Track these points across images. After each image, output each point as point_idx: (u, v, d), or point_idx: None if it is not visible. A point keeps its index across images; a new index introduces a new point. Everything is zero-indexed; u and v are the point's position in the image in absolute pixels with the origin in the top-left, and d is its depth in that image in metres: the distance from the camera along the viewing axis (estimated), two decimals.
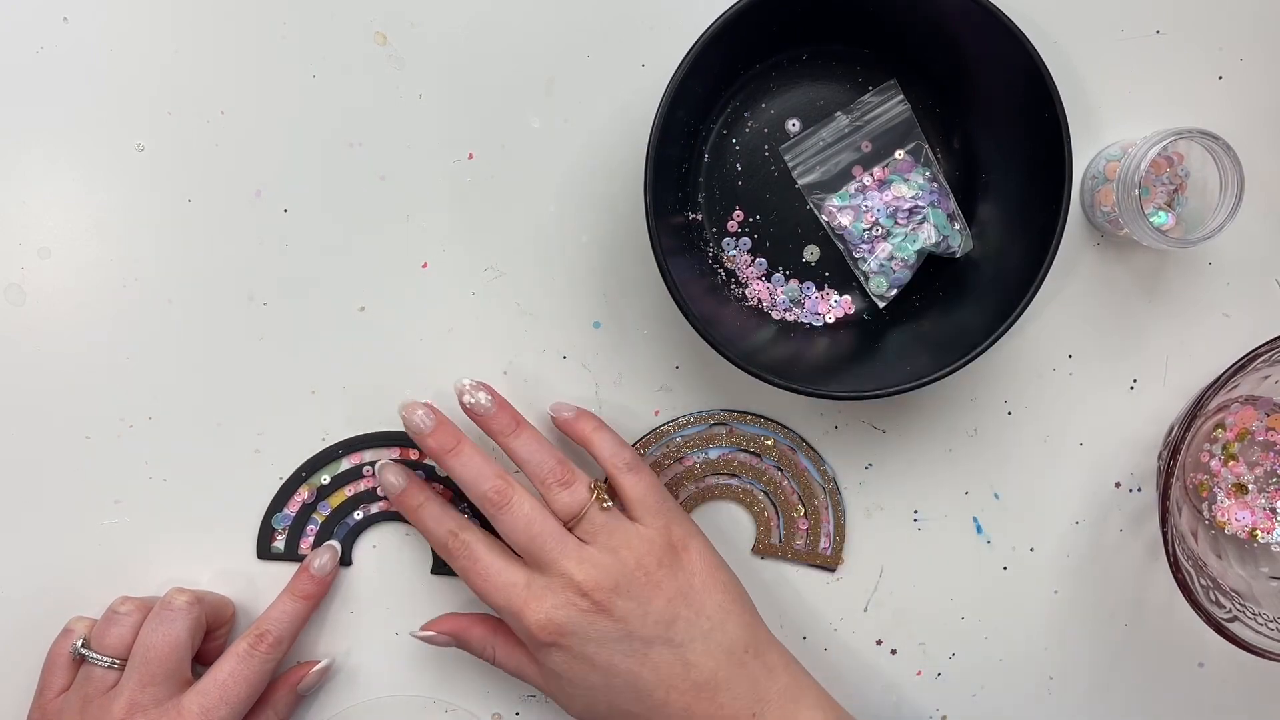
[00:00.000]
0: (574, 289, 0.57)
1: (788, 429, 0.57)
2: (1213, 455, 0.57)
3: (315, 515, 0.56)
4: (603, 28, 0.56)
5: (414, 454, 0.56)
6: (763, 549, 0.58)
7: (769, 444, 0.57)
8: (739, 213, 0.55)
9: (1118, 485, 0.59)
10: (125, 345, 0.56)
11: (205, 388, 0.56)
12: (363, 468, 0.56)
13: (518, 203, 0.56)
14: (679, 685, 0.50)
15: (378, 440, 0.56)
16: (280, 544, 0.56)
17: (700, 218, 0.56)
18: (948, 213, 0.55)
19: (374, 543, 0.57)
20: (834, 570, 0.58)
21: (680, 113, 0.51)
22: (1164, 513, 0.52)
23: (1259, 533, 0.56)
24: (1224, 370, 0.51)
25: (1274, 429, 0.57)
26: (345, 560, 0.57)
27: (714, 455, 0.58)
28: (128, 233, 0.55)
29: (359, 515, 0.57)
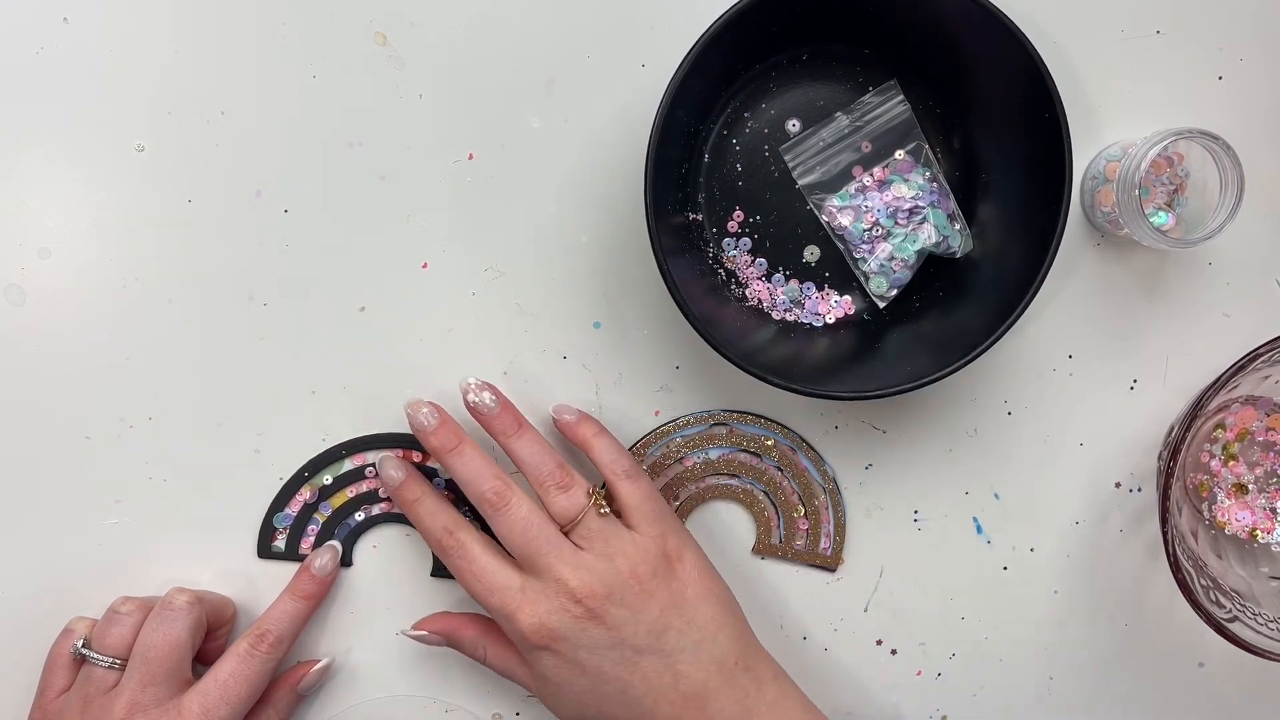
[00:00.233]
0: (574, 289, 0.57)
1: (788, 429, 0.57)
2: (1213, 455, 0.57)
3: (317, 515, 0.56)
4: (603, 28, 0.56)
5: (416, 456, 0.56)
6: (763, 549, 0.58)
7: (769, 444, 0.57)
8: (739, 213, 0.55)
9: (1118, 485, 0.59)
10: (125, 345, 0.56)
11: (205, 388, 0.56)
12: (365, 469, 0.56)
13: (518, 203, 0.56)
14: (668, 695, 0.50)
15: (382, 442, 0.56)
16: (281, 544, 0.56)
17: (700, 218, 0.56)
18: (948, 213, 0.55)
19: (375, 543, 0.57)
20: (834, 570, 0.58)
21: (680, 113, 0.51)
22: (1164, 513, 0.52)
23: (1259, 533, 0.56)
24: (1224, 370, 0.51)
25: (1274, 429, 0.57)
26: (346, 561, 0.57)
27: (714, 455, 0.58)
28: (128, 233, 0.55)
29: (360, 516, 0.57)
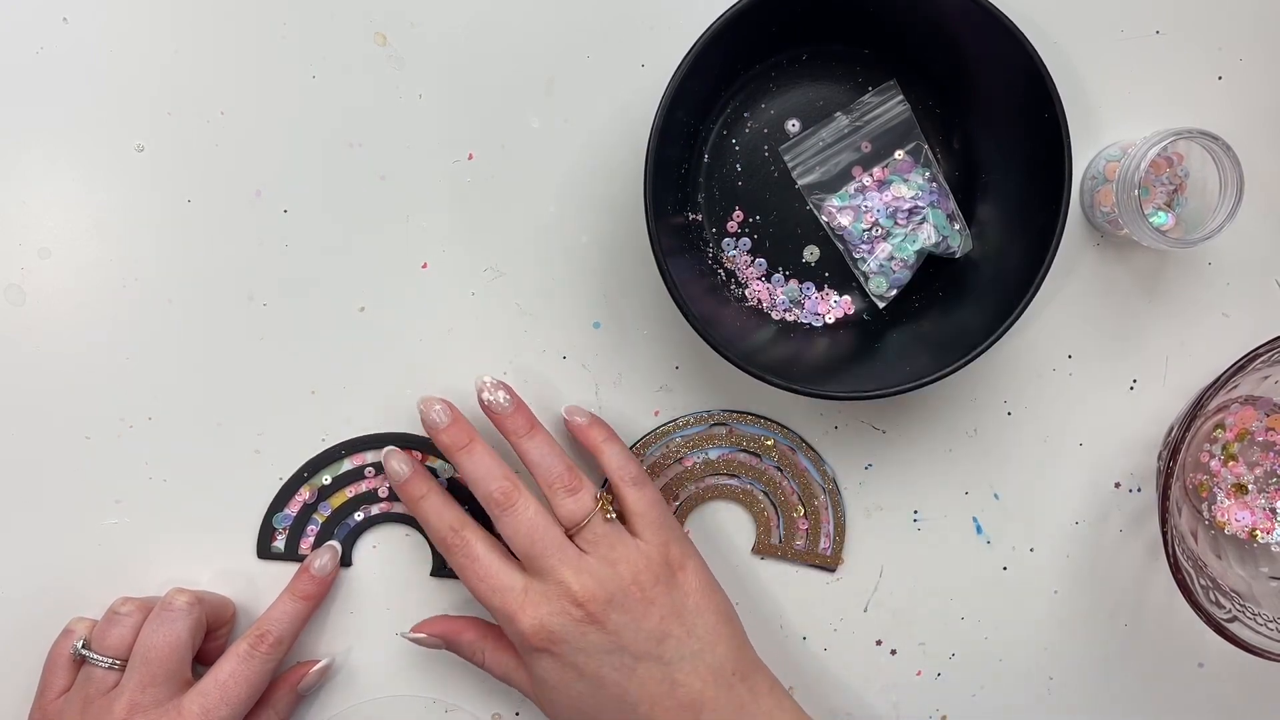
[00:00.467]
0: (574, 289, 0.57)
1: (788, 429, 0.57)
2: (1213, 455, 0.57)
3: (316, 515, 0.56)
4: (603, 28, 0.56)
5: (416, 456, 0.56)
6: (763, 549, 0.58)
7: (769, 444, 0.57)
8: (739, 213, 0.55)
9: (1118, 485, 0.59)
10: (125, 345, 0.56)
11: (205, 388, 0.56)
12: (365, 469, 0.56)
13: (518, 203, 0.56)
14: (664, 703, 0.50)
15: (381, 441, 0.56)
16: (281, 544, 0.56)
17: (700, 218, 0.56)
18: (947, 213, 0.55)
19: (374, 543, 0.57)
20: (834, 570, 0.58)
21: (680, 113, 0.51)
22: (1164, 513, 0.52)
23: (1259, 533, 0.56)
24: (1224, 370, 0.51)
25: (1274, 429, 0.57)
26: (345, 561, 0.57)
27: (714, 455, 0.58)
28: (128, 233, 0.55)
29: (360, 516, 0.57)
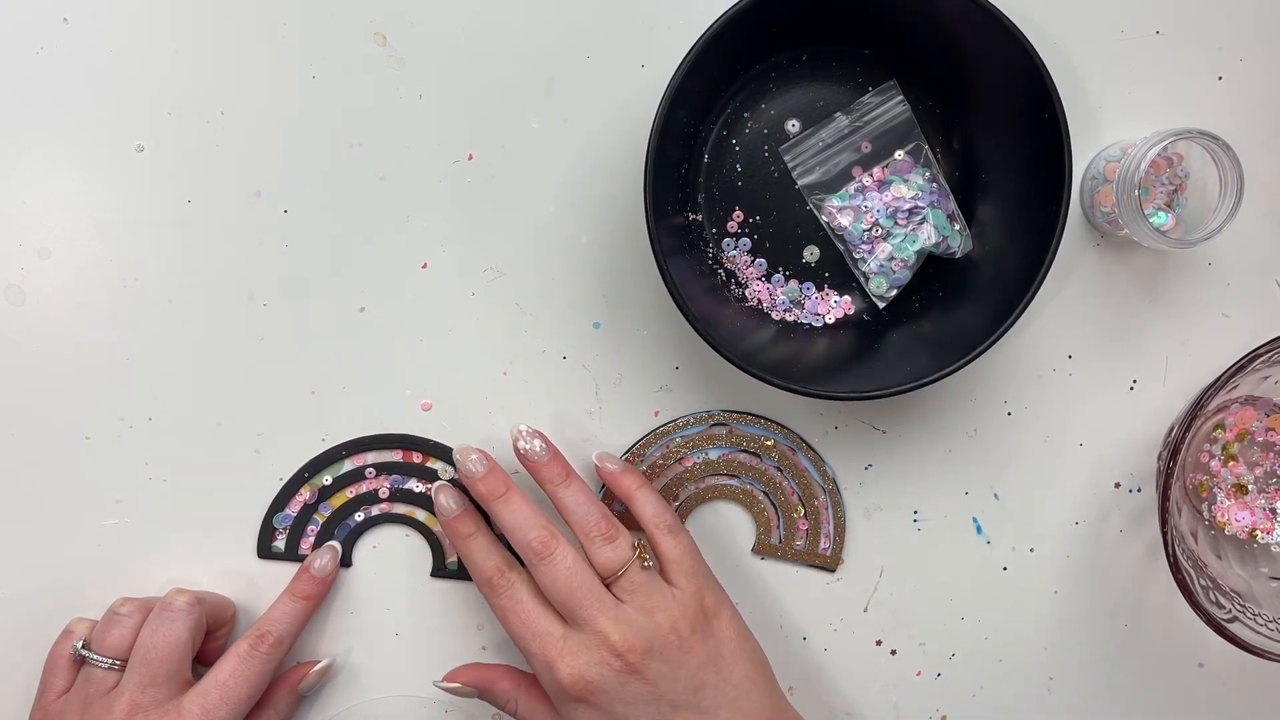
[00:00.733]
0: (574, 289, 0.57)
1: (788, 429, 0.57)
2: (1213, 455, 0.57)
3: (316, 516, 0.56)
4: (603, 28, 0.56)
5: (416, 457, 0.56)
6: (763, 549, 0.58)
7: (769, 444, 0.57)
8: (739, 213, 0.55)
9: (1118, 485, 0.59)
10: (125, 345, 0.56)
11: (205, 388, 0.56)
12: (365, 469, 0.56)
13: (518, 203, 0.56)
14: None
15: (381, 442, 0.56)
16: (281, 544, 0.56)
17: (700, 218, 0.56)
18: (947, 213, 0.55)
19: (375, 544, 0.57)
20: (834, 570, 0.58)
21: (680, 113, 0.51)
22: (1164, 513, 0.52)
23: (1259, 533, 0.56)
24: (1224, 370, 0.51)
25: (1274, 429, 0.57)
26: (346, 561, 0.57)
27: (714, 456, 0.58)
28: (128, 233, 0.55)
29: (360, 516, 0.57)
